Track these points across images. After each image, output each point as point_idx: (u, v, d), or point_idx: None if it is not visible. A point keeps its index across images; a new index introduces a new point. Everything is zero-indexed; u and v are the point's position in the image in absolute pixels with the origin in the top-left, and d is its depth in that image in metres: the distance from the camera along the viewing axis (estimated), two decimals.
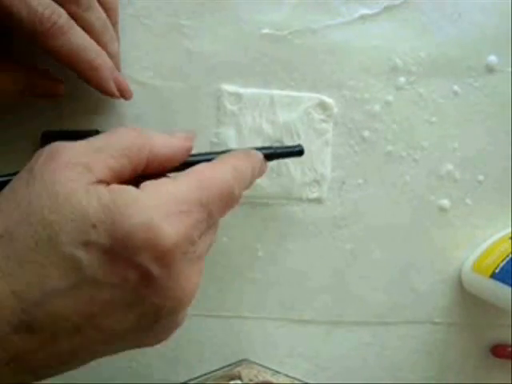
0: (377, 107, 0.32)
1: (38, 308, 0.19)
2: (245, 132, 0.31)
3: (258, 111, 0.31)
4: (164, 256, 0.20)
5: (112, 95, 0.27)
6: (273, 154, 0.28)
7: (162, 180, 0.21)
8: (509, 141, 0.33)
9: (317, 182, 0.32)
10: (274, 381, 0.32)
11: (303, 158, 0.32)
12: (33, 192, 0.20)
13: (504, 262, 0.31)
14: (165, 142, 0.23)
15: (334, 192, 0.33)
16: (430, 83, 0.32)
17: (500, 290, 0.31)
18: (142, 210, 0.19)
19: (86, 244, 0.19)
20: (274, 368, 0.34)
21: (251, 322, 0.34)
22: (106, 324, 0.20)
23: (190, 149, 0.24)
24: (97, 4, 0.25)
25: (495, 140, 0.33)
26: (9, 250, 0.19)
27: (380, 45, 0.32)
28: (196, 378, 0.33)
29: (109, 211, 0.19)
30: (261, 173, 0.27)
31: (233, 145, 0.31)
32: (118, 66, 0.27)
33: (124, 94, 0.28)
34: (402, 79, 0.32)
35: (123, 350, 0.23)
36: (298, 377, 0.34)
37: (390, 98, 0.32)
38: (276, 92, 0.31)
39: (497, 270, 0.31)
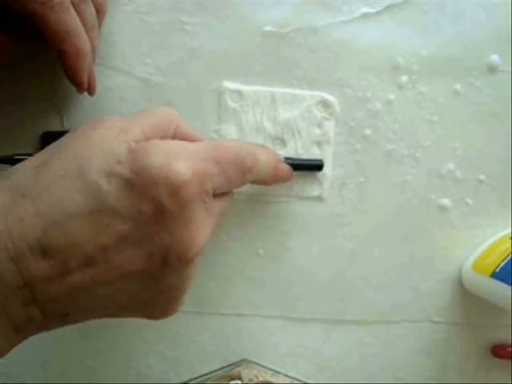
0: (378, 106, 0.32)
1: (55, 228, 0.20)
2: (246, 129, 0.31)
3: (259, 109, 0.31)
4: (178, 191, 0.21)
5: (81, 86, 0.28)
6: (291, 164, 0.29)
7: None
8: (510, 141, 0.33)
9: (318, 180, 0.32)
10: (274, 381, 0.32)
11: (304, 156, 0.32)
12: (73, 139, 0.22)
13: (504, 262, 0.31)
14: (189, 126, 0.27)
15: (334, 190, 0.32)
16: (431, 82, 0.32)
17: (500, 290, 0.31)
18: (163, 152, 0.22)
19: (110, 174, 0.21)
20: (273, 368, 0.34)
21: (251, 322, 0.34)
22: (117, 259, 0.21)
23: None
24: (90, 0, 0.26)
25: (496, 140, 0.33)
26: (40, 177, 0.21)
27: (382, 43, 0.32)
28: (196, 378, 0.33)
29: (135, 152, 0.21)
30: (281, 175, 0.29)
31: None
32: (92, 62, 0.28)
33: (90, 90, 0.29)
34: (404, 78, 0.32)
35: (132, 308, 0.24)
36: (298, 377, 0.34)
37: (392, 96, 0.32)
38: (277, 89, 0.31)
39: (497, 270, 0.31)
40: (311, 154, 0.32)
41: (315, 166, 0.31)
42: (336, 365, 0.35)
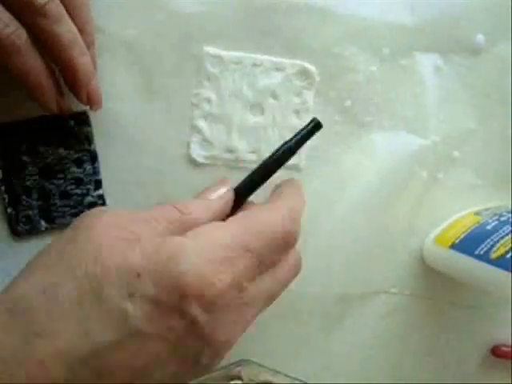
0: (359, 77, 0.32)
1: (83, 366, 0.19)
2: (224, 95, 0.31)
3: (239, 75, 0.31)
4: (210, 304, 0.20)
5: (54, 112, 0.27)
6: (298, 141, 0.27)
7: (208, 226, 0.22)
8: (487, 123, 0.34)
9: None
10: (274, 381, 0.32)
11: (281, 124, 0.32)
12: (77, 246, 0.20)
13: (465, 234, 0.32)
14: (204, 209, 0.23)
15: (312, 161, 0.33)
16: (413, 56, 0.32)
17: (458, 261, 0.31)
18: (187, 257, 0.20)
19: (132, 295, 0.19)
20: (273, 368, 0.34)
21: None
22: (153, 377, 0.20)
23: (229, 203, 0.25)
24: (67, 18, 0.24)
25: (474, 120, 0.34)
26: (52, 306, 0.19)
27: (367, 14, 0.31)
28: None
29: (153, 260, 0.19)
30: None
31: (213, 108, 0.31)
32: (88, 78, 0.26)
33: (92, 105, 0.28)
34: (387, 51, 0.32)
35: None
36: (298, 377, 0.33)
37: (374, 68, 0.32)
38: (258, 56, 0.31)
39: (457, 241, 0.32)
40: (289, 122, 0.32)
41: (315, 126, 0.27)
42: (336, 365, 0.35)
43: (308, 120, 0.32)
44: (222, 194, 0.25)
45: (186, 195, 0.32)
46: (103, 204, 0.32)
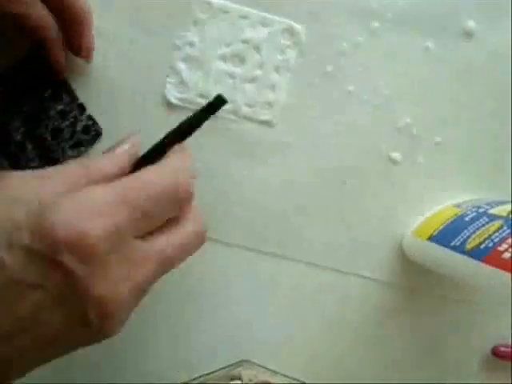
0: (345, 45, 0.32)
1: None
2: (207, 41, 0.31)
3: (225, 23, 0.31)
4: (85, 254, 0.20)
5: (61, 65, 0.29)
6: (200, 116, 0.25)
7: (91, 186, 0.22)
8: (472, 110, 0.32)
9: (269, 104, 0.32)
10: (273, 381, 0.32)
11: (260, 78, 0.32)
12: None
13: (443, 226, 0.30)
14: (109, 162, 0.24)
15: (285, 119, 0.32)
16: (403, 34, 0.32)
17: (436, 253, 0.29)
18: (64, 211, 0.20)
19: (10, 246, 0.20)
20: (273, 368, 0.33)
21: (252, 321, 0.33)
22: (34, 329, 0.20)
23: (134, 156, 0.25)
24: None
25: (459, 105, 0.33)
26: None
27: None
28: (196, 378, 0.33)
29: (33, 214, 0.20)
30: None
31: (195, 52, 0.31)
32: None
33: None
34: (376, 24, 0.32)
35: (62, 353, 0.23)
36: (298, 377, 0.33)
37: (361, 39, 0.32)
38: (248, 9, 0.31)
39: (435, 233, 0.30)
40: (268, 77, 0.32)
41: (218, 103, 0.25)
42: (336, 365, 0.34)
43: (287, 76, 0.32)
44: (127, 148, 0.25)
45: (158, 135, 0.32)
46: (94, 123, 0.32)
